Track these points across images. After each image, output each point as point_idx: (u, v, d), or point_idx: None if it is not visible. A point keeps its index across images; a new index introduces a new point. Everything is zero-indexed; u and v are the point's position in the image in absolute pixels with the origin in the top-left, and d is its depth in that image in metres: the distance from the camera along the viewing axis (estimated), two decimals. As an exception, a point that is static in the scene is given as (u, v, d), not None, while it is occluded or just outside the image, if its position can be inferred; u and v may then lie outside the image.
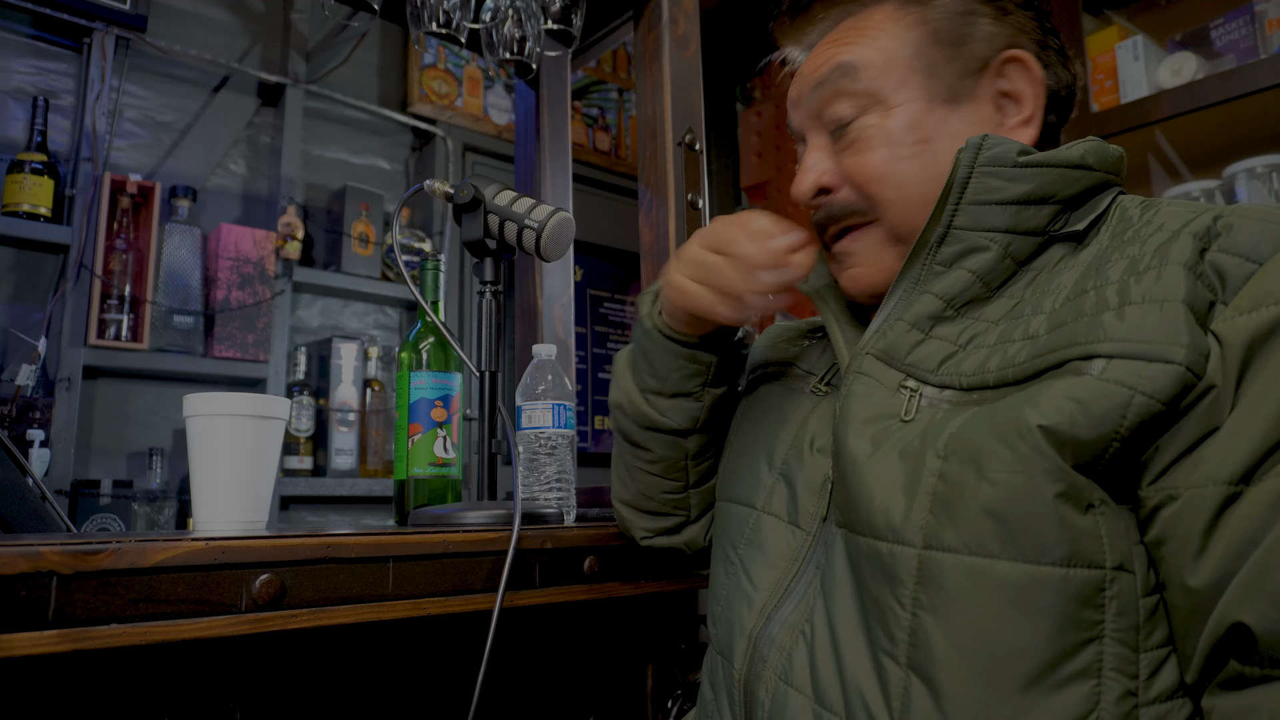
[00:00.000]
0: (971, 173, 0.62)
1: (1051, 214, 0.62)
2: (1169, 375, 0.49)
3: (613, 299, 3.22)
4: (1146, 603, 0.51)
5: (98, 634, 0.61)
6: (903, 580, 0.55)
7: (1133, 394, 0.49)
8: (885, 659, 0.55)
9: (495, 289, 1.03)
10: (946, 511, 0.54)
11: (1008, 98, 0.70)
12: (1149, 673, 0.50)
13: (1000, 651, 0.51)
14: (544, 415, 1.08)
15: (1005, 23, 0.70)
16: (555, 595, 0.88)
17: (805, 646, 0.62)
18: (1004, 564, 0.51)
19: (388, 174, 2.78)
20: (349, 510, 2.48)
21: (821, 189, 0.72)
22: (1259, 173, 1.70)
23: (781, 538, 0.69)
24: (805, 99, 0.74)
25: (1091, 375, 0.51)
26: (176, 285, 2.16)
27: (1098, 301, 0.54)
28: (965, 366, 0.59)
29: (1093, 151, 0.64)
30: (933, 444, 0.56)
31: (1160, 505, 0.50)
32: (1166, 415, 0.49)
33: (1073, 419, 0.50)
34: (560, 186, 1.57)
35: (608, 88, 3.25)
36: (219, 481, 0.92)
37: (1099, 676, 0.49)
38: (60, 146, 2.14)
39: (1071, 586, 0.50)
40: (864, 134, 0.70)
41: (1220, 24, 1.80)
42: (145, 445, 2.16)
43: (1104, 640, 0.50)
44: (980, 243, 0.62)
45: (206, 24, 2.43)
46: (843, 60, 0.70)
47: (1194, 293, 0.51)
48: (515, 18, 1.33)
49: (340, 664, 0.82)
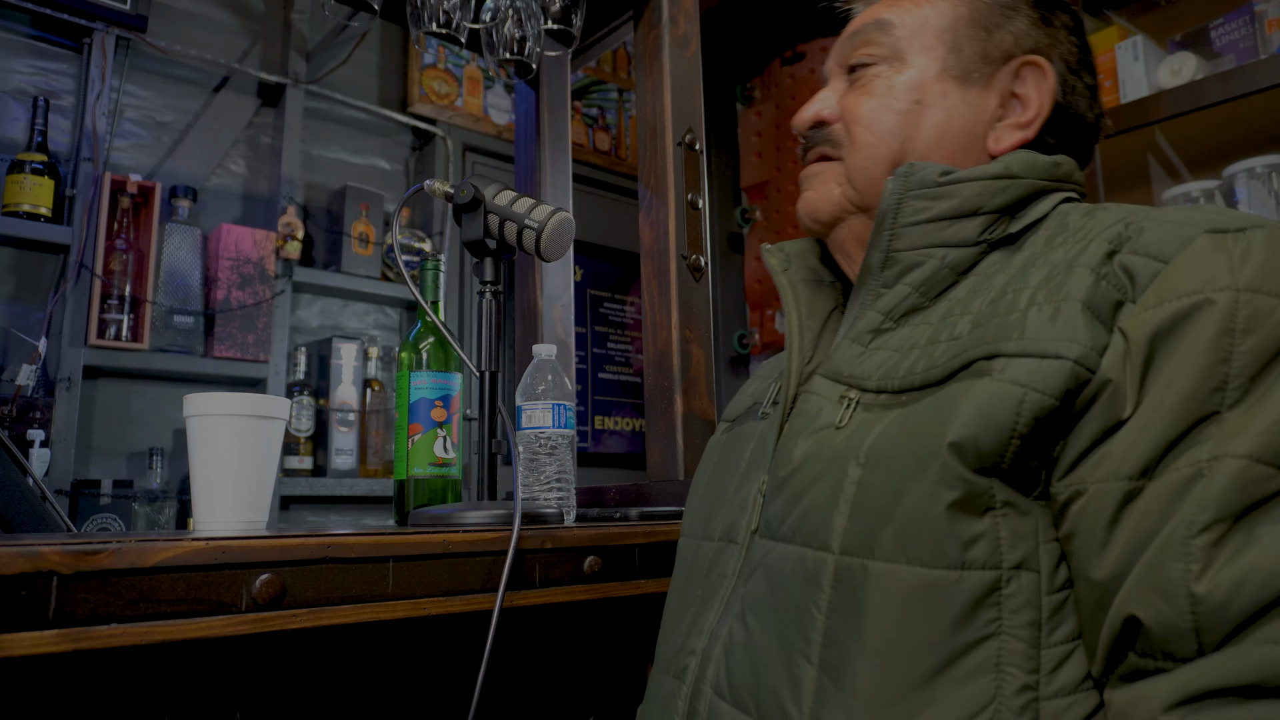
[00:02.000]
0: (901, 199, 0.66)
1: (983, 224, 0.65)
2: (1059, 371, 0.51)
3: (613, 299, 3.21)
4: (1052, 599, 0.52)
5: (98, 634, 0.61)
6: (821, 586, 0.57)
7: (1025, 391, 0.51)
8: (799, 659, 0.57)
9: (495, 289, 1.03)
10: (863, 518, 0.56)
11: (1016, 98, 0.72)
12: (1051, 667, 0.51)
13: (902, 650, 0.52)
14: (544, 415, 1.08)
15: (1043, 30, 0.73)
16: (555, 595, 0.88)
17: (726, 657, 0.64)
18: (904, 568, 0.53)
19: (388, 174, 2.78)
20: (349, 510, 2.48)
21: (820, 121, 0.77)
22: (1259, 173, 1.70)
23: (727, 559, 0.71)
24: (840, 45, 0.78)
25: (991, 376, 0.53)
26: (176, 285, 2.16)
27: (1010, 304, 0.57)
28: (899, 369, 0.61)
29: (1017, 161, 0.67)
30: (855, 452, 0.59)
31: (1069, 500, 0.52)
32: (1062, 411, 0.51)
33: (975, 428, 0.52)
34: (560, 186, 1.57)
35: (608, 88, 3.25)
36: (219, 481, 0.92)
37: (996, 671, 0.51)
38: (60, 146, 2.14)
39: (965, 588, 0.52)
40: (871, 80, 0.74)
41: (1220, 24, 1.80)
42: (145, 445, 2.16)
43: (1001, 637, 0.51)
44: (916, 259, 0.66)
45: (206, 24, 2.43)
46: (882, 16, 0.75)
47: (1095, 292, 0.53)
48: (515, 18, 1.33)
49: (340, 664, 0.82)
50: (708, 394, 1.26)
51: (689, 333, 1.25)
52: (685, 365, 1.24)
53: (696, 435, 1.23)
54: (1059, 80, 0.72)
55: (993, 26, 0.72)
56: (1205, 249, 0.51)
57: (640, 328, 3.26)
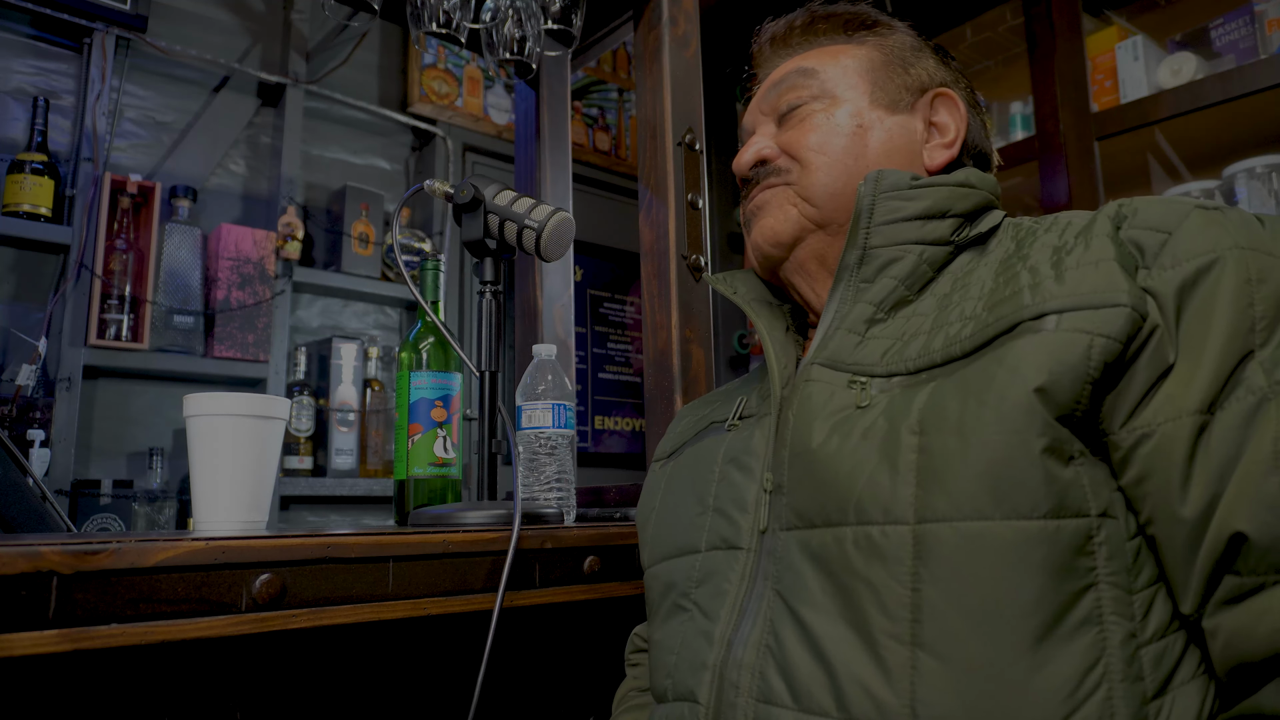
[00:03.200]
0: (875, 200, 0.70)
1: (953, 226, 0.70)
2: (1120, 316, 0.54)
3: (613, 299, 3.21)
4: (1131, 545, 0.54)
5: (98, 634, 0.61)
6: (899, 559, 0.56)
7: (1092, 337, 0.54)
8: (885, 639, 0.55)
9: (495, 289, 1.03)
10: (936, 482, 0.56)
11: (935, 126, 0.80)
12: (1143, 612, 0.53)
13: (1006, 611, 0.52)
14: (544, 415, 1.08)
15: (947, 69, 0.83)
16: (555, 595, 0.88)
17: (774, 660, 0.61)
18: (998, 524, 0.53)
19: (388, 174, 2.78)
20: (349, 510, 2.48)
21: (762, 160, 0.80)
22: (1259, 173, 1.70)
23: (729, 565, 0.69)
24: (763, 97, 0.83)
25: (1048, 330, 0.55)
26: (176, 285, 2.16)
27: (1032, 277, 0.59)
28: (908, 352, 0.63)
29: (973, 174, 0.74)
30: (903, 421, 0.59)
31: (1136, 445, 0.54)
32: (1121, 356, 0.54)
33: (1054, 373, 0.54)
34: (560, 186, 1.57)
35: (608, 88, 3.24)
36: (219, 481, 0.92)
37: (1101, 623, 0.52)
38: (60, 146, 2.14)
39: (1064, 537, 0.52)
40: (809, 115, 0.79)
41: (1220, 24, 1.80)
42: (145, 445, 2.16)
43: (1099, 586, 0.52)
44: (896, 254, 0.70)
45: (206, 24, 2.43)
46: (804, 65, 0.81)
47: (1122, 255, 0.57)
48: (515, 18, 1.33)
49: (340, 664, 0.82)
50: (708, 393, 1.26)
51: (689, 333, 1.25)
52: (685, 365, 1.24)
53: (696, 435, 1.23)
54: (966, 105, 0.80)
55: (907, 64, 0.81)
56: (1201, 221, 0.57)
57: (640, 328, 3.26)
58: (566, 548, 0.90)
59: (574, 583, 0.90)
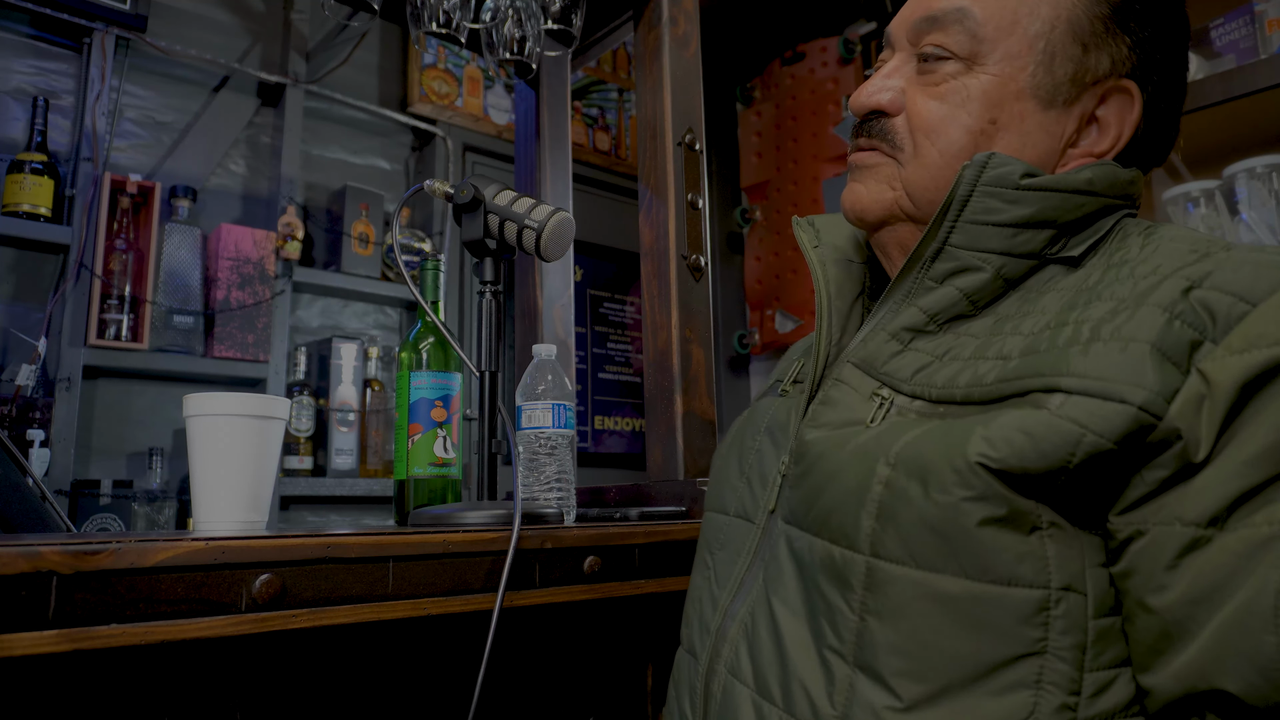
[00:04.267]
0: (973, 191, 0.61)
1: (1048, 238, 0.62)
2: (1122, 416, 0.48)
3: (613, 299, 3.21)
4: (1099, 624, 0.51)
5: (98, 634, 0.61)
6: (852, 585, 0.56)
7: (1083, 433, 0.49)
8: (831, 655, 0.57)
9: (495, 289, 1.03)
10: (892, 521, 0.55)
11: (1095, 122, 0.67)
12: (1093, 690, 0.50)
13: (942, 657, 0.52)
14: (544, 415, 1.08)
15: (1143, 55, 0.66)
16: (555, 595, 0.88)
17: (746, 640, 0.64)
18: (947, 579, 0.52)
19: (388, 174, 2.78)
20: (349, 510, 2.48)
21: (879, 110, 0.70)
22: (1259, 173, 1.70)
23: (744, 537, 0.71)
24: (914, 17, 0.70)
25: (1049, 410, 0.51)
26: (176, 285, 2.16)
27: (1072, 335, 0.54)
28: (938, 378, 0.59)
29: (1102, 176, 0.62)
30: (884, 452, 0.57)
31: (1130, 539, 0.51)
32: (1119, 454, 0.49)
33: (1020, 452, 0.50)
34: (560, 186, 1.57)
35: (608, 88, 3.24)
36: (219, 481, 0.92)
37: (1037, 688, 0.50)
38: (60, 146, 2.14)
39: (1011, 603, 0.51)
40: (943, 80, 0.67)
41: (1220, 24, 1.80)
42: (145, 445, 2.16)
43: (1045, 656, 0.50)
44: (973, 263, 0.62)
45: (206, 24, 2.43)
46: (964, 4, 0.66)
47: (1167, 333, 0.50)
48: (515, 18, 1.33)
49: (340, 664, 0.82)
50: (708, 394, 1.26)
51: (689, 333, 1.25)
52: (685, 365, 1.24)
53: (696, 435, 1.23)
54: (1144, 105, 0.66)
55: (1091, 44, 0.65)
56: None
57: (640, 328, 3.26)
58: (566, 548, 0.90)
59: (574, 583, 0.90)
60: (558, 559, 0.89)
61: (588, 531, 0.92)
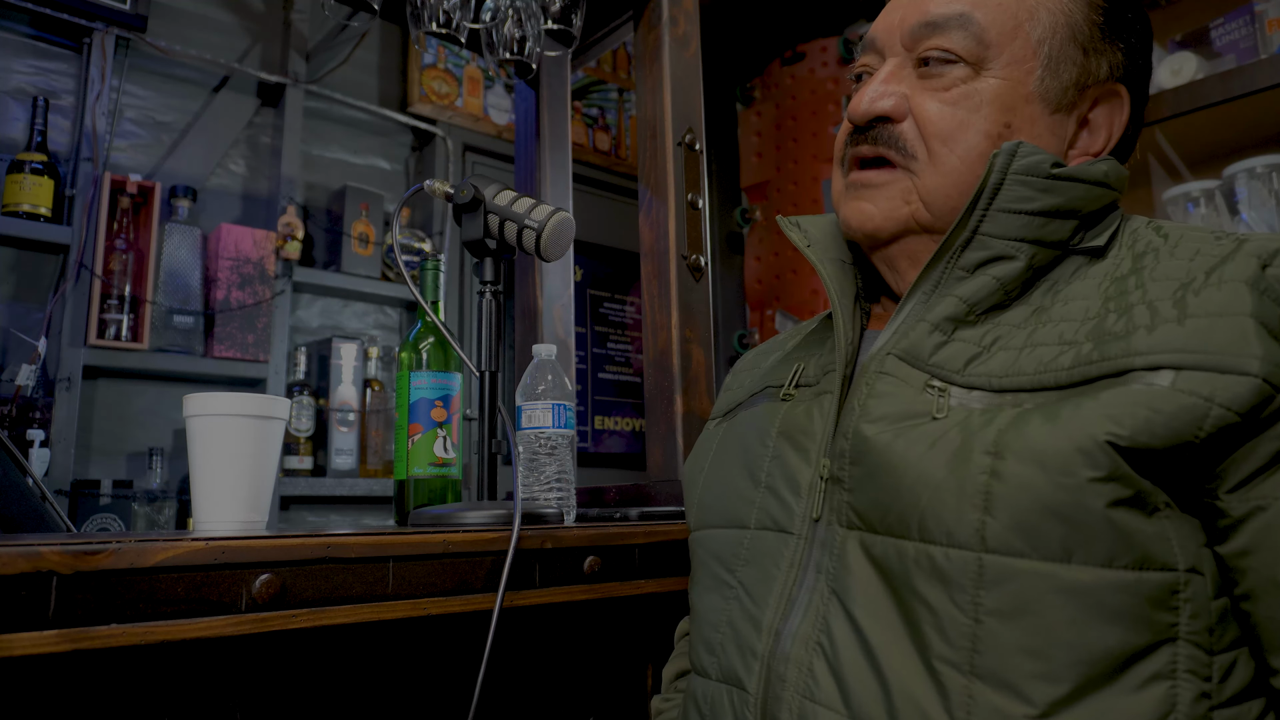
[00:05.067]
0: (1004, 179, 0.61)
1: (1073, 228, 0.63)
2: (1246, 387, 0.49)
3: (613, 299, 3.21)
4: (1217, 605, 0.51)
5: (98, 634, 0.61)
6: (961, 584, 0.53)
7: (1210, 405, 0.49)
8: (942, 666, 0.53)
9: (495, 289, 1.03)
10: (1006, 511, 0.52)
11: (1085, 126, 0.69)
12: (1222, 675, 0.50)
13: (1073, 655, 0.50)
14: (544, 415, 1.08)
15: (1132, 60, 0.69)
16: (555, 595, 0.88)
17: (825, 659, 0.59)
18: (1075, 568, 0.50)
19: (388, 174, 2.78)
20: (349, 510, 2.48)
21: (883, 116, 0.68)
22: (1259, 173, 1.70)
23: (778, 549, 0.67)
24: (909, 23, 0.69)
25: (1164, 386, 0.50)
26: (176, 285, 2.16)
27: (1150, 316, 0.53)
28: (993, 367, 0.58)
29: (1114, 170, 0.64)
30: (979, 441, 0.54)
31: (1247, 516, 0.50)
32: (1242, 426, 0.49)
33: (1150, 428, 0.50)
34: (560, 186, 1.57)
35: (608, 88, 3.24)
36: (219, 481, 0.92)
37: (1174, 678, 0.49)
38: (60, 146, 2.14)
39: (1145, 589, 0.50)
40: (951, 84, 0.66)
41: (1220, 24, 1.80)
42: (145, 445, 2.16)
43: (1178, 642, 0.50)
44: (1007, 251, 0.62)
45: (206, 24, 2.43)
46: (965, 11, 0.66)
47: (1262, 306, 0.51)
48: (515, 18, 1.33)
49: (340, 664, 0.82)
50: (708, 394, 1.26)
51: (689, 333, 1.25)
52: (685, 365, 1.24)
53: (696, 435, 1.23)
54: (1129, 109, 0.69)
55: (1091, 49, 0.67)
56: None
57: (640, 328, 3.26)
58: (566, 548, 0.90)
59: (574, 583, 0.90)
60: (558, 559, 0.89)
61: (588, 531, 0.92)
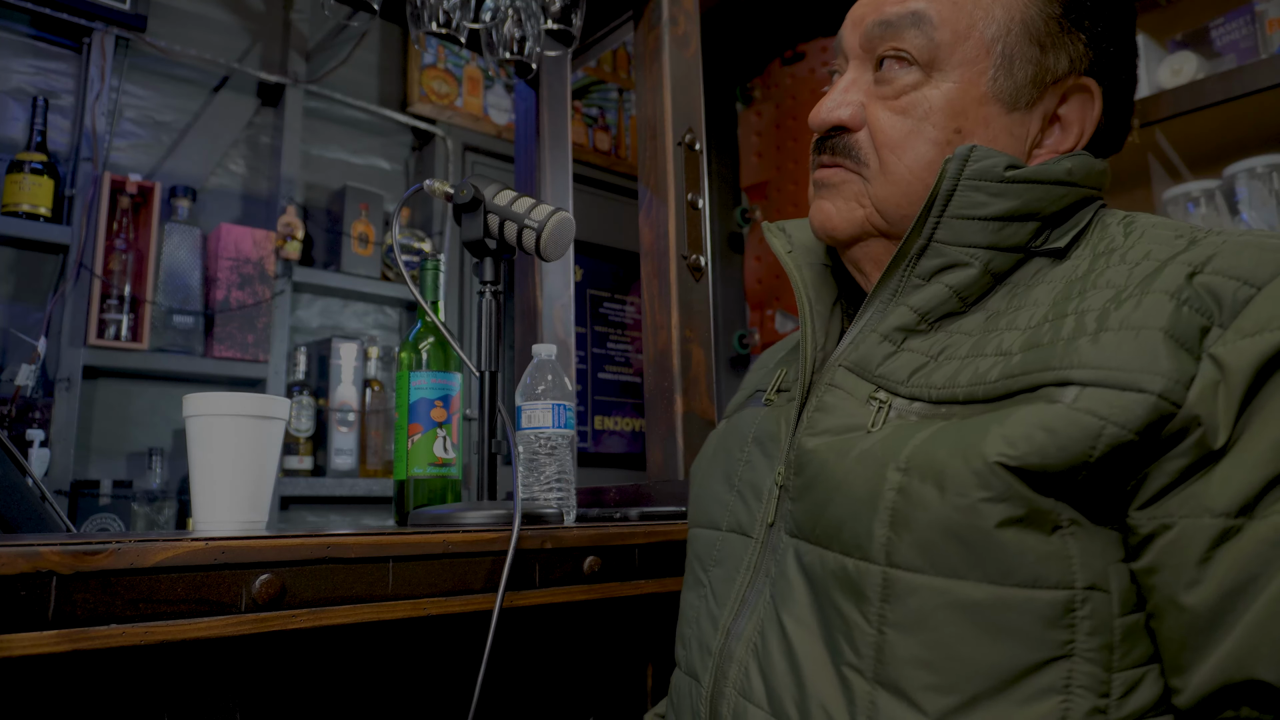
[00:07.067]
0: (957, 185, 0.61)
1: (1033, 230, 0.62)
2: (1141, 405, 0.48)
3: (613, 299, 3.21)
4: (1124, 622, 0.50)
5: (98, 634, 0.61)
6: (868, 597, 0.54)
7: (1104, 424, 0.48)
8: (849, 672, 0.55)
9: (495, 289, 1.03)
10: (907, 528, 0.53)
11: (1057, 121, 0.67)
12: (1123, 691, 0.50)
13: (968, 667, 0.51)
14: (544, 415, 1.08)
15: (1098, 51, 0.66)
16: (555, 595, 0.88)
17: (757, 660, 0.62)
18: (969, 585, 0.51)
19: (388, 174, 2.78)
20: (349, 510, 2.48)
21: (840, 126, 0.69)
22: (1259, 173, 1.70)
23: (740, 553, 0.69)
24: (868, 24, 0.69)
25: (1064, 404, 0.50)
26: (176, 285, 2.16)
27: (1076, 326, 0.53)
28: (935, 378, 0.58)
29: (1080, 166, 0.63)
30: (893, 457, 0.55)
31: (1154, 534, 0.49)
32: (1141, 445, 0.48)
33: (1041, 449, 0.49)
34: (560, 186, 1.57)
35: (608, 88, 3.24)
36: (219, 481, 0.92)
37: (1067, 693, 0.49)
38: (60, 146, 2.14)
39: (1038, 607, 0.50)
40: (902, 91, 0.66)
41: (1220, 24, 1.80)
42: (145, 445, 2.16)
43: (1073, 659, 0.49)
44: (961, 258, 0.61)
45: (206, 24, 2.43)
46: (919, 9, 0.66)
47: (1177, 319, 0.49)
48: (515, 18, 1.33)
49: (340, 664, 0.82)
50: (708, 394, 1.26)
51: (689, 333, 1.25)
52: (685, 365, 1.24)
53: (696, 435, 1.23)
54: (1101, 102, 0.66)
55: (1048, 44, 0.65)
56: None
57: (640, 328, 3.26)
58: (566, 548, 0.90)
59: (574, 583, 0.90)
60: (558, 559, 0.89)
61: (588, 532, 0.92)
